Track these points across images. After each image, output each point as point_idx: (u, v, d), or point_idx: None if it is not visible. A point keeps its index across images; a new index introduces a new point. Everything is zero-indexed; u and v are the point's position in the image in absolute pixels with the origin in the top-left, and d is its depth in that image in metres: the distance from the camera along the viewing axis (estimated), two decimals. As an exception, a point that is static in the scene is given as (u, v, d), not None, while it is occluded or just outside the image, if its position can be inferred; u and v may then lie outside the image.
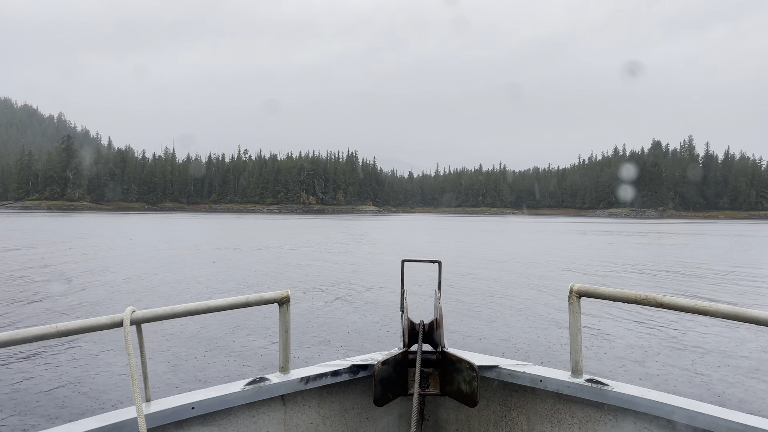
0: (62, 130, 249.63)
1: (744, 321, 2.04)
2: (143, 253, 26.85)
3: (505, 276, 19.42)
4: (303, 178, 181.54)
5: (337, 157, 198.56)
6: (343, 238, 42.76)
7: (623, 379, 7.66)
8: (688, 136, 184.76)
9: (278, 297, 2.51)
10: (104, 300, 13.61)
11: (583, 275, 19.97)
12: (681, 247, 37.79)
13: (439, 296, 2.91)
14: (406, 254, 27.21)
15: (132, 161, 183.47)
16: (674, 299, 2.22)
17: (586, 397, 2.44)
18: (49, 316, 11.65)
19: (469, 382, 2.51)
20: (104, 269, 19.82)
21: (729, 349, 9.56)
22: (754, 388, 7.63)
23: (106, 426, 1.98)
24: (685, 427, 2.17)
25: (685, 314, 7.59)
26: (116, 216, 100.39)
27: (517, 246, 37.43)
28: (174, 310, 2.25)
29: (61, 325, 1.99)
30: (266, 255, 27.18)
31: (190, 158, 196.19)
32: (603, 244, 40.35)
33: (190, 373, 7.84)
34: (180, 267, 21.23)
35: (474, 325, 11.19)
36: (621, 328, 11.16)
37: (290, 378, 2.51)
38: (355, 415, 2.77)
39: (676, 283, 18.02)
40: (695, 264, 24.58)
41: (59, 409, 6.45)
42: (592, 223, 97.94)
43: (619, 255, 29.99)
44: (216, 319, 10.86)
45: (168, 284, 16.61)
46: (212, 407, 2.27)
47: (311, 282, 17.21)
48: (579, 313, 2.48)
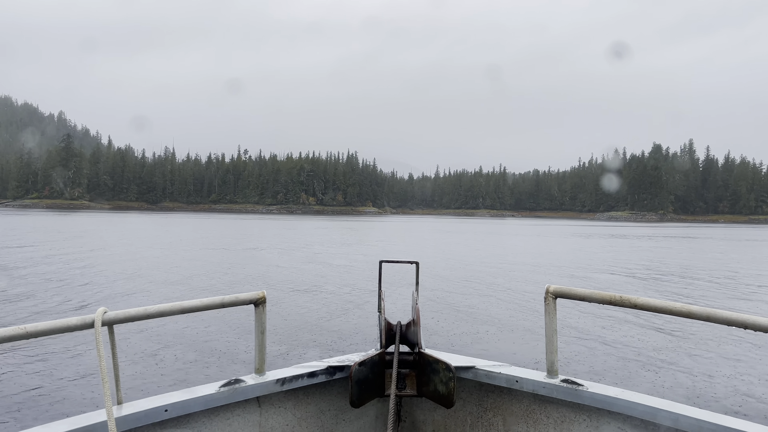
0: (62, 128, 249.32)
1: (716, 322, 2.05)
2: (131, 253, 26.68)
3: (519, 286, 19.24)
4: (303, 179, 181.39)
5: (337, 158, 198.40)
6: (341, 239, 42.58)
7: (599, 380, 7.55)
8: (688, 140, 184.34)
9: (254, 298, 2.48)
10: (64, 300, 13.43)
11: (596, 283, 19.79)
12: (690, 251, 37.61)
13: (416, 297, 2.90)
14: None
15: (131, 160, 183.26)
16: (648, 300, 2.24)
17: (562, 397, 2.45)
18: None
19: (445, 383, 2.50)
20: (85, 267, 19.65)
21: (707, 350, 9.62)
22: (724, 385, 7.65)
23: (75, 429, 1.94)
24: (659, 427, 2.20)
25: (664, 315, 7.49)
26: (114, 215, 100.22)
27: (530, 250, 37.25)
28: (147, 311, 2.22)
29: (30, 326, 1.94)
30: (256, 255, 27.00)
31: (189, 158, 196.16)
32: (624, 249, 40.17)
33: (163, 375, 7.65)
34: (157, 268, 21.04)
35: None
36: (597, 328, 11.18)
37: (266, 379, 2.49)
38: (332, 416, 2.75)
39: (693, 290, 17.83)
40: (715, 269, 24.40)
41: (26, 412, 6.25)
42: (593, 226, 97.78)
43: (639, 261, 29.83)
44: (190, 320, 10.66)
45: (136, 285, 16.43)
46: (186, 409, 2.24)
47: (293, 283, 17.03)
48: (555, 314, 2.48)
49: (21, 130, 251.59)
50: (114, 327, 2.17)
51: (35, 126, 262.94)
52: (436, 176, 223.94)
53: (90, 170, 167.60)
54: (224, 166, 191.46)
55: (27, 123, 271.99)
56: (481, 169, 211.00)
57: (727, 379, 8.03)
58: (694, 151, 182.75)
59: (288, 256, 26.79)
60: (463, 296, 15.05)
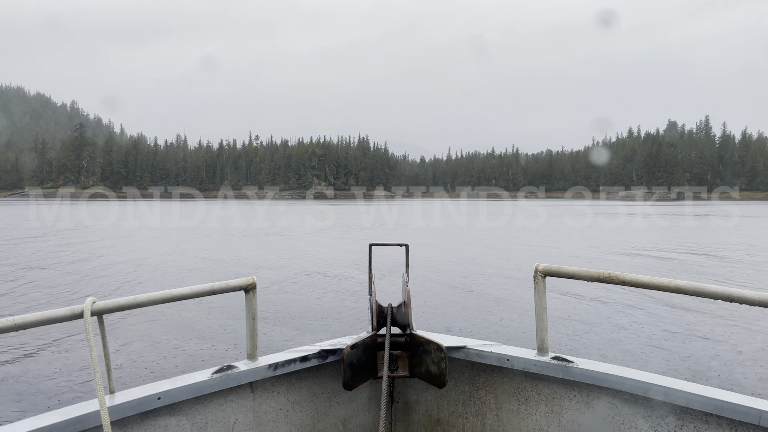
0: (75, 118, 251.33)
1: (703, 296, 2.09)
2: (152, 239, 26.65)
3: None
4: (314, 164, 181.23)
5: (348, 142, 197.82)
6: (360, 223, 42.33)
7: (589, 356, 7.38)
8: (704, 116, 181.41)
9: (244, 284, 2.48)
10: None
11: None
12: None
13: (406, 279, 2.93)
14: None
15: (144, 148, 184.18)
16: (636, 276, 2.26)
17: (552, 374, 2.48)
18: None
19: (437, 363, 2.53)
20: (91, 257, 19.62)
21: (696, 325, 9.76)
22: (712, 359, 7.74)
23: (68, 420, 1.94)
24: (650, 401, 2.23)
25: (653, 292, 7.54)
26: (128, 203, 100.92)
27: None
28: (137, 300, 2.21)
29: (18, 318, 1.94)
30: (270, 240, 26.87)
31: (201, 145, 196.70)
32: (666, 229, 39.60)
33: (155, 363, 7.50)
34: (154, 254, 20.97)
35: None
36: (589, 306, 11.19)
37: (258, 365, 2.50)
38: (325, 399, 2.77)
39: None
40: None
41: (19, 404, 6.15)
42: (614, 205, 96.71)
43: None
44: (181, 307, 10.53)
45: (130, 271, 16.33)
46: (179, 397, 2.24)
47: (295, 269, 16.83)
48: (544, 292, 2.51)
49: (35, 120, 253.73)
50: (104, 316, 2.16)
51: (48, 116, 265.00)
52: (448, 158, 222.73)
53: (103, 159, 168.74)
54: (236, 153, 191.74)
55: (41, 113, 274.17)
56: (493, 151, 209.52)
57: (715, 352, 8.10)
58: (710, 128, 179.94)
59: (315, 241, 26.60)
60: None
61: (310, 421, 2.71)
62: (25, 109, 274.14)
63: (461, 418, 2.84)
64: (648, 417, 2.25)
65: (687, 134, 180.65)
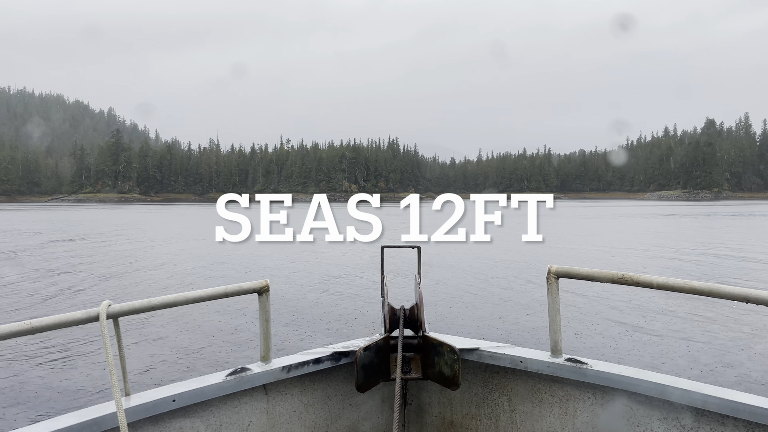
0: (112, 124, 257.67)
1: (719, 297, 2.05)
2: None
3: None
4: (345, 167, 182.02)
5: (378, 145, 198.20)
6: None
7: (604, 358, 7.12)
8: (744, 114, 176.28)
9: (257, 286, 2.49)
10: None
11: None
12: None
13: (419, 281, 2.93)
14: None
15: (178, 153, 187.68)
16: (650, 277, 2.23)
17: (566, 376, 2.46)
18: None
19: (450, 365, 2.52)
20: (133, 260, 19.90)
21: (712, 325, 9.55)
22: (729, 360, 7.56)
23: (85, 422, 1.96)
24: (665, 402, 2.21)
25: (668, 292, 7.20)
26: (164, 208, 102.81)
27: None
28: (151, 303, 2.22)
29: (35, 321, 1.95)
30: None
31: (234, 149, 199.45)
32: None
33: (170, 365, 7.48)
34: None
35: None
36: (602, 307, 11.04)
37: (272, 367, 2.50)
38: (338, 401, 2.77)
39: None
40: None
41: (36, 407, 6.19)
42: (657, 206, 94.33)
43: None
44: (195, 310, 10.55)
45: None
46: (193, 399, 2.25)
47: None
48: (557, 294, 2.50)
49: (74, 127, 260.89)
50: (119, 319, 2.17)
51: (87, 123, 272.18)
52: (478, 160, 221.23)
53: (139, 164, 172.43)
54: (267, 156, 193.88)
55: (79, 120, 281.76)
56: (525, 151, 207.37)
57: (732, 353, 7.92)
58: (750, 125, 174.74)
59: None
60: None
61: (324, 423, 2.71)
62: (65, 116, 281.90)
63: (474, 420, 2.83)
64: (664, 419, 2.22)
65: (726, 132, 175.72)
